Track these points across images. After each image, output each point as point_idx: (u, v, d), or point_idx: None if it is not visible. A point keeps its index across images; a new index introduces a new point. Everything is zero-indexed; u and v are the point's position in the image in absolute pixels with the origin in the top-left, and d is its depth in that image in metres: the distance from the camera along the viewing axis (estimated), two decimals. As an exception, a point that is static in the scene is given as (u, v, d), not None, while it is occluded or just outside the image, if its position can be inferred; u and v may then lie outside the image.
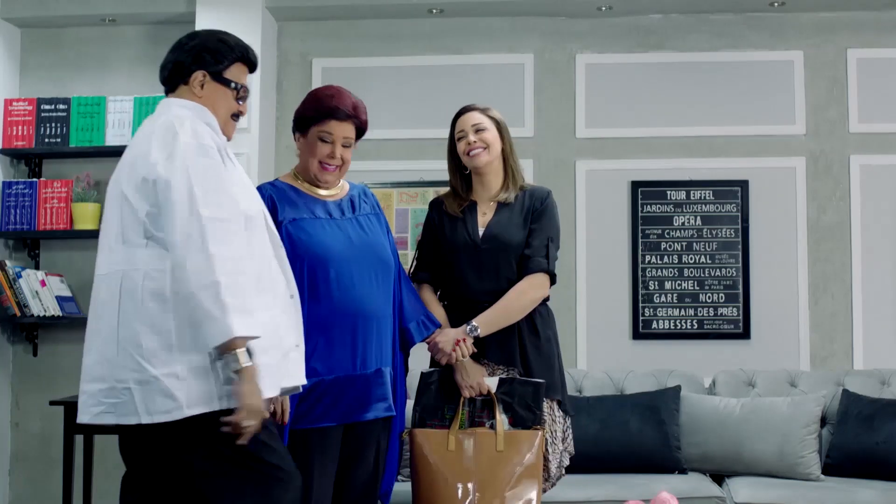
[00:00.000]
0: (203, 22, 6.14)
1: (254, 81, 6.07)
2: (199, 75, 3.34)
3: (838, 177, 6.19)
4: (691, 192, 6.18)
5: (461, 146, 4.21)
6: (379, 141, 6.34)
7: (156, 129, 3.18)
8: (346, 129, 3.87)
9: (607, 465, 5.18)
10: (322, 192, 3.89)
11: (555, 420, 4.11)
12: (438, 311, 4.17)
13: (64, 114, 6.40)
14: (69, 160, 6.50)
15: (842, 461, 5.25)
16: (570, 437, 4.20)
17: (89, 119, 6.38)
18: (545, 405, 4.06)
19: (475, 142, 4.17)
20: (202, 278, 2.94)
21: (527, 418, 4.00)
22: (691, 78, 6.29)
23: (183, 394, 3.00)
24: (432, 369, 4.17)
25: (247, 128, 6.09)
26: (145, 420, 3.03)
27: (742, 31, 6.30)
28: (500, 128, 4.24)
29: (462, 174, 4.28)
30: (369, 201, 4.01)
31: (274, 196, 3.81)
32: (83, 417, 3.25)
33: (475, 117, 4.22)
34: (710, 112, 6.26)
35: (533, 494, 3.93)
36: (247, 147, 6.09)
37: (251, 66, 3.47)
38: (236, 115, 3.42)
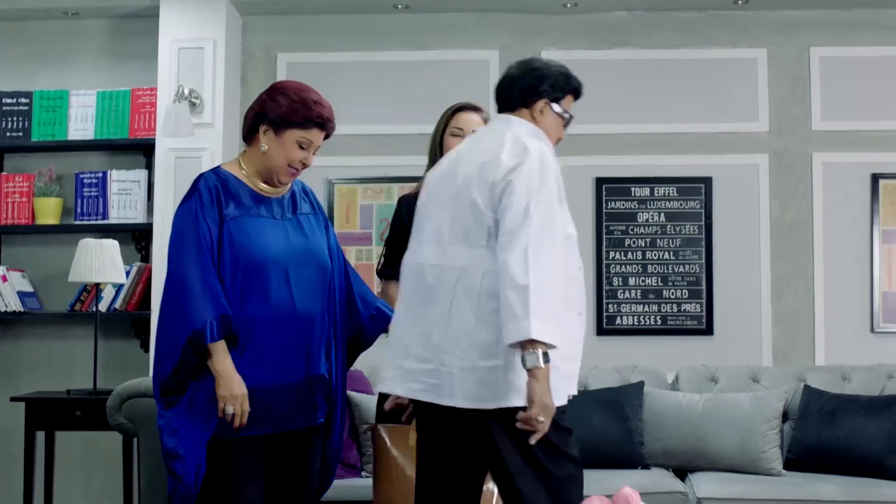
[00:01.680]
0: (167, 16, 6.12)
1: (217, 76, 6.09)
2: (541, 103, 3.53)
3: (801, 174, 6.23)
4: (655, 189, 6.21)
5: (453, 143, 4.18)
6: (344, 136, 6.27)
7: (506, 140, 3.37)
8: (321, 138, 3.78)
9: (571, 460, 5.19)
10: (267, 188, 3.75)
11: None
12: None
13: (26, 108, 6.36)
14: (31, 154, 6.46)
15: (803, 456, 5.28)
16: None
17: (52, 113, 6.34)
18: None
19: None
20: (516, 280, 3.14)
21: None
22: (656, 75, 6.31)
23: (501, 385, 3.21)
24: None
25: (211, 122, 6.07)
26: (460, 404, 3.25)
27: (706, 29, 6.32)
28: None
29: None
30: (308, 199, 3.89)
31: (219, 187, 3.67)
32: (396, 389, 3.45)
33: (476, 122, 4.23)
34: (675, 109, 6.28)
35: (493, 489, 3.93)
36: (210, 142, 6.07)
37: (578, 97, 3.67)
38: (558, 141, 3.61)
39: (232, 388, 3.51)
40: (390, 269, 4.29)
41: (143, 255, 6.38)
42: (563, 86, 3.58)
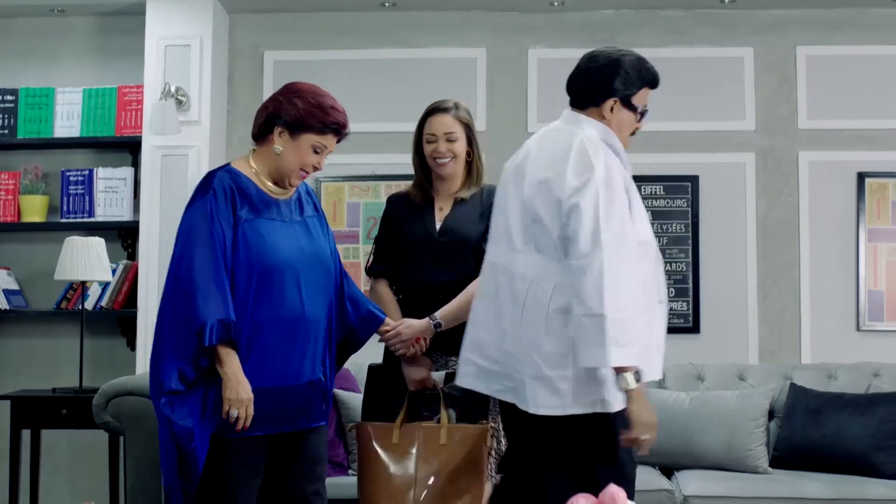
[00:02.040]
0: (153, 14, 6.11)
1: (204, 74, 6.08)
2: (611, 102, 3.53)
3: (787, 173, 6.24)
4: (642, 187, 6.17)
5: (429, 149, 4.20)
6: (331, 134, 6.31)
7: (573, 149, 3.41)
8: (335, 143, 3.79)
9: (557, 458, 5.19)
10: (275, 189, 3.73)
11: None
12: (394, 311, 4.15)
13: (12, 105, 6.34)
14: (17, 152, 6.44)
15: (789, 454, 5.30)
16: None
17: (37, 110, 6.33)
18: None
19: (445, 152, 4.17)
20: (592, 307, 3.24)
21: (473, 412, 3.99)
22: (643, 73, 6.31)
23: (568, 395, 3.37)
24: (381, 363, 4.17)
25: (197, 120, 6.07)
26: (532, 410, 3.41)
27: (693, 28, 6.33)
28: (470, 132, 4.24)
29: (425, 168, 4.28)
30: (311, 200, 3.89)
31: (234, 187, 3.64)
32: (479, 387, 3.64)
33: (447, 124, 4.18)
34: (661, 108, 6.22)
35: (477, 488, 3.93)
36: (197, 140, 6.06)
37: (655, 87, 3.67)
38: (634, 132, 3.64)
39: (238, 392, 3.49)
40: (379, 266, 4.30)
41: (130, 253, 6.36)
42: (634, 81, 3.56)
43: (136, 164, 6.32)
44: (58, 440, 6.23)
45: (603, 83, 3.52)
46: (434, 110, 4.24)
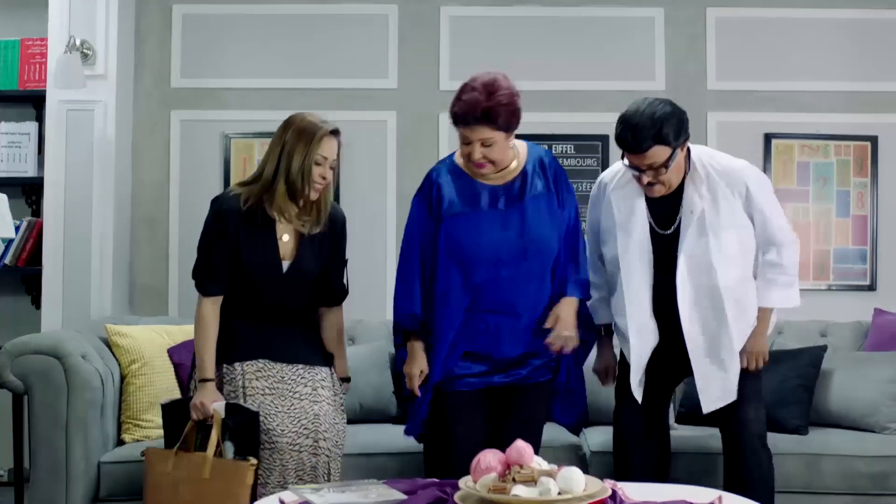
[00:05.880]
0: (57, -36, 5.97)
1: (110, 27, 5.96)
2: None
3: (696, 133, 6.18)
4: (553, 146, 6.21)
5: (317, 172, 4.04)
6: (240, 91, 6.25)
7: None
8: (479, 133, 3.91)
9: (467, 415, 5.22)
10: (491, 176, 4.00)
11: None
12: (214, 338, 4.07)
13: None
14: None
15: (694, 410, 5.35)
16: None
17: (-63, 63, 6.19)
18: None
19: (329, 178, 4.11)
20: None
21: (246, 447, 3.92)
22: (554, 32, 6.33)
23: None
24: (175, 399, 4.20)
25: (103, 74, 5.96)
26: None
27: (604, -14, 6.36)
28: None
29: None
30: (546, 175, 4.10)
31: (442, 183, 4.02)
32: None
33: (335, 150, 4.10)
34: (573, 67, 6.31)
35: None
36: (103, 95, 5.95)
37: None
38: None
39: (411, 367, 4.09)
40: (215, 284, 4.16)
41: (34, 210, 6.25)
42: None
43: (40, 119, 6.19)
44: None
45: None
46: (333, 132, 4.08)
